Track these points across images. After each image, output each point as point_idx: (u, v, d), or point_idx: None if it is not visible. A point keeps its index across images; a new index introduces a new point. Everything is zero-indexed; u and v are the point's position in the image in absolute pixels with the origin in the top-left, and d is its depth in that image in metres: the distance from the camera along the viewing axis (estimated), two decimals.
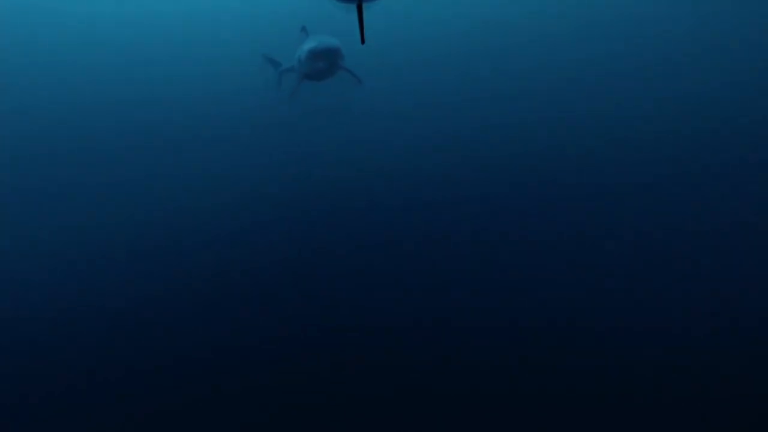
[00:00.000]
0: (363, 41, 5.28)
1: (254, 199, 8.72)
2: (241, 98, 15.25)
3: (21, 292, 6.68)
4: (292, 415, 4.43)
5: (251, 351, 5.25)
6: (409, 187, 8.62)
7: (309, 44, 11.63)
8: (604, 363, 4.70)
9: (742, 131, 9.54)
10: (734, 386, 4.31)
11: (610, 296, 5.59)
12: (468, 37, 19.03)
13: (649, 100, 11.56)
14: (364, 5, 10.03)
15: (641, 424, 4.04)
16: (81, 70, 18.70)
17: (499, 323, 5.34)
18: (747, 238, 6.39)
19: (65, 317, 6.06)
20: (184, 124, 13.31)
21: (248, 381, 4.86)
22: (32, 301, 6.44)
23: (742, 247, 6.24)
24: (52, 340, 5.69)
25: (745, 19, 16.07)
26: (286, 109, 13.66)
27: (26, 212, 8.97)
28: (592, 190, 7.93)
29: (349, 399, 4.55)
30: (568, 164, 8.91)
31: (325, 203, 8.34)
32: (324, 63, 11.45)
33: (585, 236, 6.74)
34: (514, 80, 14.23)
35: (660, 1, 18.90)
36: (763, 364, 4.49)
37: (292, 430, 4.28)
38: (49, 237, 8.05)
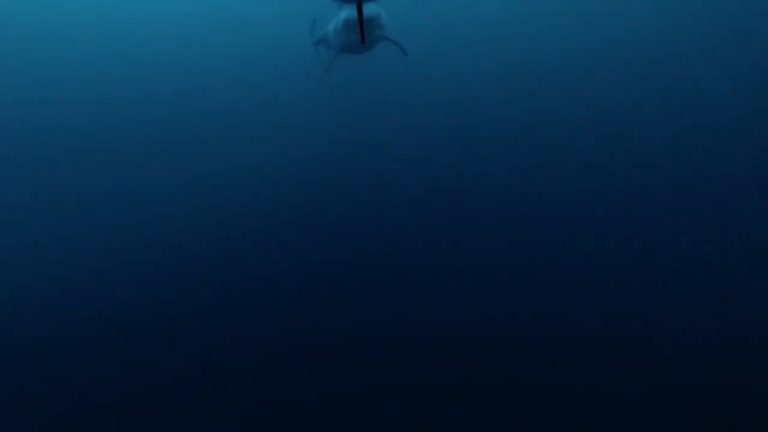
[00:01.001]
0: (363, 41, 5.28)
1: (259, 198, 8.71)
2: (245, 97, 15.22)
3: (21, 294, 6.68)
4: (292, 415, 4.43)
5: (272, 340, 5.25)
6: (411, 185, 8.61)
7: (344, 13, 10.58)
8: (605, 363, 4.70)
9: (749, 129, 9.50)
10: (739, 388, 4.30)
11: (617, 295, 5.58)
12: (469, 35, 19.01)
13: (664, 97, 11.52)
14: (364, 5, 9.93)
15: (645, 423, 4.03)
16: (74, 68, 18.73)
17: (507, 318, 5.34)
18: (752, 237, 6.37)
19: (74, 317, 6.06)
20: (193, 121, 13.28)
21: (279, 367, 4.86)
22: (33, 305, 6.45)
23: (747, 246, 6.22)
24: (53, 341, 5.69)
25: (746, 17, 16.02)
26: (288, 108, 13.64)
27: (49, 210, 8.97)
28: (602, 188, 7.90)
29: (370, 394, 4.55)
30: (572, 164, 8.89)
31: (332, 202, 8.32)
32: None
33: (597, 232, 6.73)
34: (516, 78, 14.17)
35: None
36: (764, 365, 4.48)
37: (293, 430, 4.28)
38: (58, 237, 8.06)
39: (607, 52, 15.04)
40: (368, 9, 9.92)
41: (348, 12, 10.46)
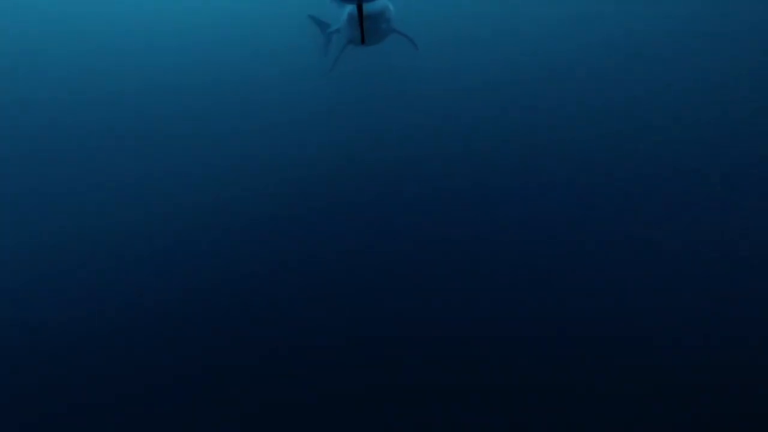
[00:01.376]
0: (363, 40, 5.27)
1: (260, 197, 8.70)
2: (248, 95, 15.21)
3: (21, 294, 6.67)
4: (292, 415, 4.43)
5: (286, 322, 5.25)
6: (412, 183, 8.60)
7: (349, 8, 10.26)
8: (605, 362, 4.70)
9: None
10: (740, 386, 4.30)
11: (617, 295, 5.58)
12: (480, 28, 18.99)
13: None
14: (367, 4, 9.80)
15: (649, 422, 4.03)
16: (74, 68, 18.73)
17: (507, 318, 5.33)
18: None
19: (74, 317, 6.06)
20: (191, 120, 13.25)
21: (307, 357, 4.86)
22: (33, 305, 6.44)
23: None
24: (54, 342, 5.68)
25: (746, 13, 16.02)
26: (293, 105, 13.60)
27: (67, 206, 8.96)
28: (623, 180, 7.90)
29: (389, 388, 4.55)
30: (575, 164, 8.87)
31: (332, 201, 8.31)
32: (367, 25, 9.78)
33: (597, 232, 6.72)
34: (523, 75, 14.14)
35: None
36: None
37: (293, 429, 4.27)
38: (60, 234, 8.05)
39: (622, 45, 14.96)
40: (375, 3, 9.48)
41: (352, 8, 10.40)
